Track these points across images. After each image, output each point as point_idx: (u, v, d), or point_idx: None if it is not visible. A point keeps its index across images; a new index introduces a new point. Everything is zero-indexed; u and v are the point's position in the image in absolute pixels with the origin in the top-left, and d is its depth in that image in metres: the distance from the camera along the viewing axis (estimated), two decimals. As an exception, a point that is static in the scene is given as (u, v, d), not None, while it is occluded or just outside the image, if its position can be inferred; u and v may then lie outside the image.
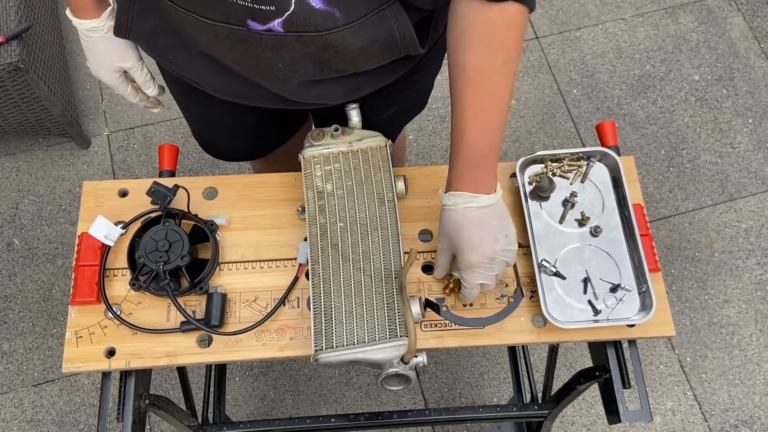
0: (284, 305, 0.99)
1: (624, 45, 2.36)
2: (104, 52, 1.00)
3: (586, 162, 1.07)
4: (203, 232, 1.01)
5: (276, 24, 0.79)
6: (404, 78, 1.03)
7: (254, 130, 1.27)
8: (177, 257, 0.96)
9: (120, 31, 0.94)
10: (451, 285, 0.99)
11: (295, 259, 1.02)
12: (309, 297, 0.96)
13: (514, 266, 0.97)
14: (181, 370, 1.36)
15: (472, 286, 0.91)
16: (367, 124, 1.07)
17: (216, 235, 1.01)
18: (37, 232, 2.03)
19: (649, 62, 2.33)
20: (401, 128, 1.31)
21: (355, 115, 1.06)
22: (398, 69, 0.98)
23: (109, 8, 0.97)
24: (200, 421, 1.39)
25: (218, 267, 1.02)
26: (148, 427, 1.80)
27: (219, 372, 1.51)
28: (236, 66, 0.91)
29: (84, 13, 0.96)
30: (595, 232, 1.02)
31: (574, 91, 2.28)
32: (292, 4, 0.76)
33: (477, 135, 0.84)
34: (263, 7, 0.77)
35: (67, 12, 0.98)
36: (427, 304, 0.94)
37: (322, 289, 0.94)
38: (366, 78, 0.96)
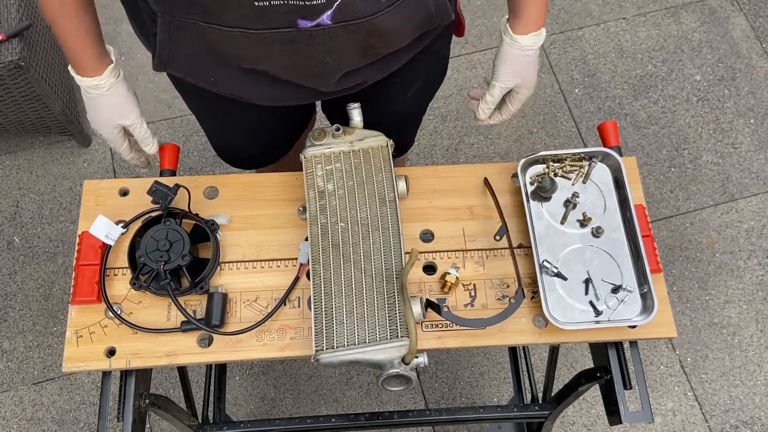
0: (285, 305, 0.99)
1: (626, 45, 2.35)
2: (106, 108, 1.01)
3: (587, 162, 1.06)
4: (204, 232, 1.01)
5: (325, 17, 0.81)
6: (428, 47, 1.04)
7: (270, 134, 1.30)
8: (178, 257, 0.95)
9: (160, 65, 0.92)
10: (450, 284, 0.99)
11: (296, 258, 1.02)
12: (310, 297, 0.96)
13: (516, 267, 0.97)
14: (182, 370, 1.36)
15: (516, 111, 1.07)
16: (393, 108, 1.09)
17: (217, 235, 1.01)
18: (38, 230, 2.03)
19: (651, 62, 2.32)
20: (425, 108, 1.34)
21: (356, 115, 1.05)
22: (425, 38, 1.00)
23: (111, 66, 0.98)
24: (200, 421, 1.39)
25: (219, 267, 1.01)
26: (148, 426, 1.80)
27: (219, 371, 1.51)
28: (282, 71, 0.92)
29: (86, 71, 0.96)
30: (596, 232, 1.02)
31: (576, 90, 2.27)
32: None
33: None
34: (313, 2, 0.78)
35: (70, 69, 0.98)
36: (428, 305, 0.94)
37: (322, 289, 0.93)
38: (397, 54, 0.98)
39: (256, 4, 0.79)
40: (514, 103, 1.06)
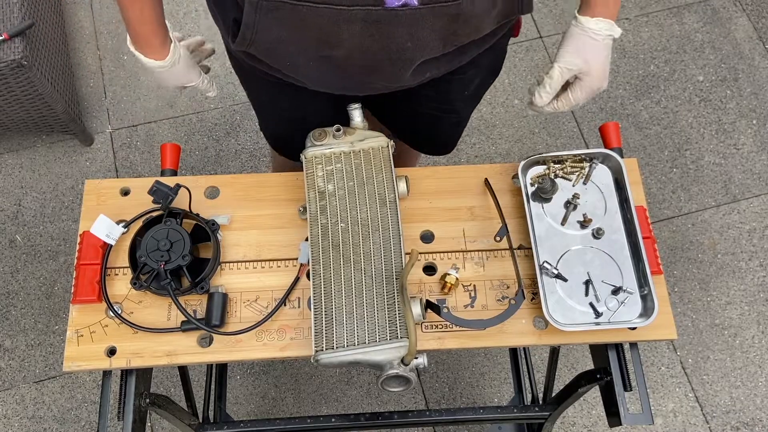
0: (285, 305, 0.99)
1: (628, 45, 2.35)
2: (170, 79, 1.08)
3: (588, 164, 1.06)
4: (204, 232, 1.01)
5: None
6: (494, 43, 1.04)
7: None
8: (178, 256, 0.96)
9: (242, 44, 0.91)
10: (450, 285, 0.99)
11: (296, 259, 1.02)
12: (310, 297, 0.96)
13: (516, 268, 0.97)
14: (182, 369, 1.36)
15: (578, 103, 1.00)
16: (450, 106, 1.09)
17: (217, 235, 1.01)
18: (40, 228, 2.03)
19: (653, 62, 2.32)
20: (474, 108, 1.32)
21: (357, 115, 1.05)
22: (498, 32, 1.00)
23: (173, 46, 1.03)
24: (201, 420, 1.39)
25: (219, 266, 1.01)
26: (149, 425, 1.80)
27: (220, 370, 1.51)
28: (360, 55, 0.90)
29: (150, 52, 1.01)
30: (597, 234, 1.02)
31: (578, 91, 2.27)
32: None
33: None
34: None
35: (129, 44, 1.01)
36: (428, 306, 0.94)
37: (322, 289, 0.94)
38: (471, 45, 0.98)
39: None
40: (575, 91, 0.99)
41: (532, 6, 0.94)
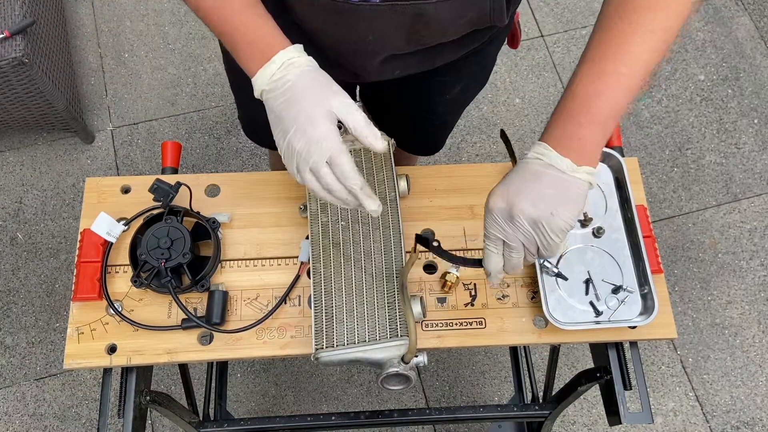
0: (285, 303, 0.99)
1: (629, 44, 2.34)
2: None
3: (589, 162, 1.06)
4: (205, 230, 1.01)
5: None
6: (476, 51, 1.03)
7: None
8: (179, 254, 0.96)
9: None
10: (450, 284, 0.99)
11: (297, 257, 1.02)
12: (310, 295, 0.96)
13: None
14: (183, 367, 1.36)
15: (489, 235, 0.78)
16: (430, 107, 1.06)
17: (218, 233, 1.01)
18: (41, 226, 2.04)
19: (655, 61, 2.32)
20: (460, 115, 1.28)
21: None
22: (477, 39, 0.99)
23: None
24: (201, 418, 1.39)
25: (220, 264, 1.02)
26: (150, 422, 1.80)
27: (220, 368, 1.51)
28: (327, 38, 0.89)
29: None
30: (597, 233, 1.02)
31: (579, 89, 2.27)
32: None
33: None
34: None
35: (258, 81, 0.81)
36: (417, 240, 0.88)
37: (323, 287, 0.94)
38: (444, 49, 0.96)
39: None
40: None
41: (504, 18, 0.89)
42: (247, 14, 0.80)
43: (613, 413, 1.02)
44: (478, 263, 0.84)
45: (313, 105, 0.75)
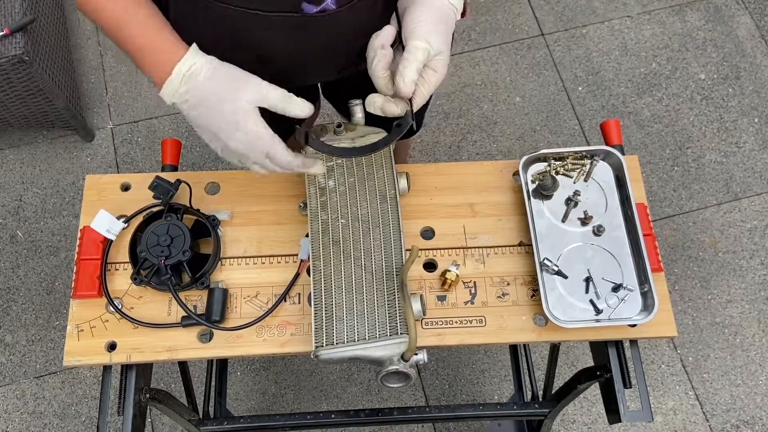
0: (285, 301, 0.99)
1: (630, 43, 2.34)
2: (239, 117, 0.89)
3: (589, 161, 1.06)
4: (205, 227, 1.01)
5: (329, 2, 0.80)
6: None
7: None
8: (179, 252, 0.96)
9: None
10: (450, 281, 0.99)
11: (297, 255, 1.02)
12: (310, 293, 0.96)
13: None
14: (183, 364, 1.36)
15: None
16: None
17: (218, 230, 1.01)
18: (41, 224, 2.03)
19: (655, 60, 2.32)
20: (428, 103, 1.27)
21: (358, 111, 1.05)
22: None
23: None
24: (201, 416, 1.39)
25: (220, 262, 1.01)
26: (150, 420, 1.80)
27: (220, 366, 1.51)
28: (288, 60, 0.89)
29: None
30: (597, 231, 1.02)
31: (579, 88, 2.27)
32: None
33: None
34: None
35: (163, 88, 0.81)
36: (305, 139, 0.88)
37: (323, 285, 0.94)
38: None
39: None
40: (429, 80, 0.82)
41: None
42: (136, 20, 0.79)
43: (612, 412, 1.02)
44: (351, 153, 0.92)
45: (228, 109, 0.77)
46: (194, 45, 0.80)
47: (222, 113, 0.77)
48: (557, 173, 1.06)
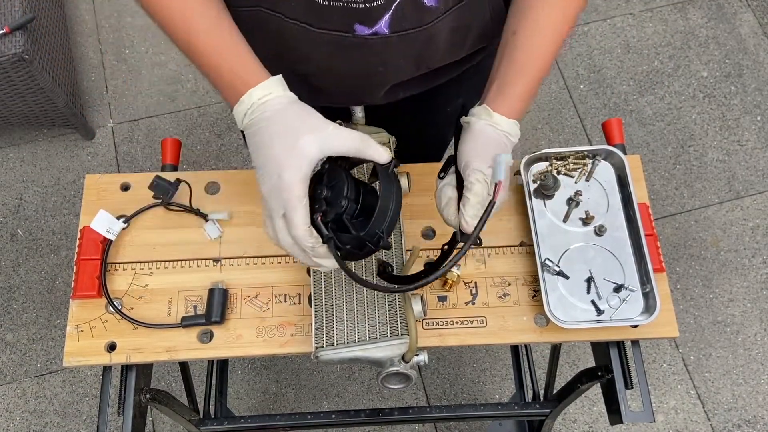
0: (285, 302, 0.99)
1: (632, 40, 2.34)
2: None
3: (591, 160, 1.05)
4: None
5: (382, 25, 0.79)
6: (476, 64, 1.03)
7: None
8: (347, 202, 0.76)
9: None
10: (451, 282, 0.98)
11: (297, 255, 1.01)
12: (310, 294, 0.96)
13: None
14: (183, 364, 1.36)
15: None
16: (425, 123, 1.06)
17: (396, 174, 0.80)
18: (41, 223, 2.03)
19: (657, 58, 2.31)
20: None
21: (358, 111, 1.05)
22: (478, 54, 0.99)
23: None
24: (202, 415, 1.39)
25: (220, 263, 1.01)
26: (150, 419, 1.80)
27: (221, 365, 1.51)
28: (330, 75, 0.88)
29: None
30: (599, 231, 1.01)
31: (581, 86, 2.26)
32: None
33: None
34: (374, 3, 0.76)
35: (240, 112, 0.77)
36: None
37: (323, 286, 0.93)
38: (448, 67, 0.96)
39: (318, 1, 0.77)
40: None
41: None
42: (218, 40, 0.76)
43: (614, 412, 1.01)
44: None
45: (280, 151, 0.71)
46: (279, 77, 0.77)
47: (272, 155, 0.72)
48: (558, 173, 1.05)
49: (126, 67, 2.27)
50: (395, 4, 0.78)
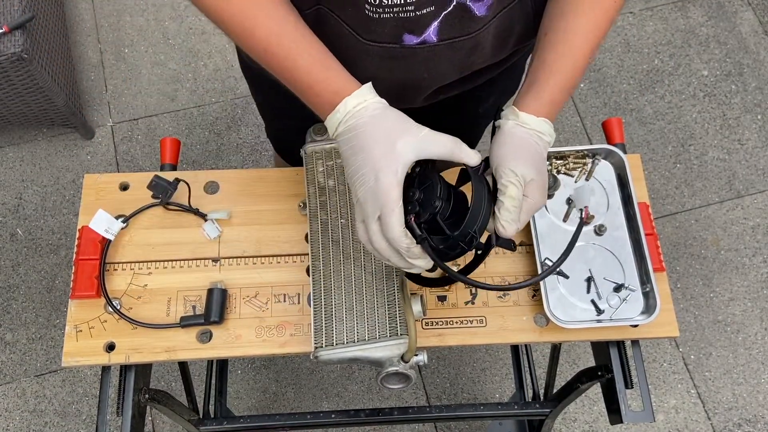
0: (284, 301, 0.98)
1: (632, 39, 2.33)
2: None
3: (591, 160, 1.05)
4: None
5: (431, 32, 0.78)
6: (511, 65, 1.03)
7: None
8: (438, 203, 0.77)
9: None
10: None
11: (296, 255, 1.01)
12: (309, 293, 0.95)
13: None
14: (183, 363, 1.36)
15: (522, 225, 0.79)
16: (459, 124, 1.06)
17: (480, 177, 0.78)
18: (41, 222, 2.03)
19: (658, 57, 2.30)
20: (486, 125, 1.28)
21: None
22: (514, 55, 0.99)
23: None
24: (201, 415, 1.39)
25: (219, 263, 1.01)
26: (150, 419, 1.80)
27: (221, 365, 1.51)
28: (376, 83, 0.86)
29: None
30: (599, 230, 1.01)
31: (581, 85, 2.26)
32: (452, 4, 0.76)
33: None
34: (424, 11, 0.76)
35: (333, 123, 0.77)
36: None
37: (322, 285, 0.93)
38: (487, 69, 0.96)
39: (367, 13, 0.77)
40: (523, 210, 0.77)
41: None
42: (307, 51, 0.76)
43: (614, 412, 1.01)
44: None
45: (378, 153, 0.72)
46: (369, 84, 0.77)
47: (368, 159, 0.73)
48: (558, 172, 1.05)
49: (125, 66, 2.27)
50: (445, 13, 0.77)
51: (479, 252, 0.83)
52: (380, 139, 0.72)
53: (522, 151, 0.77)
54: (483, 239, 0.80)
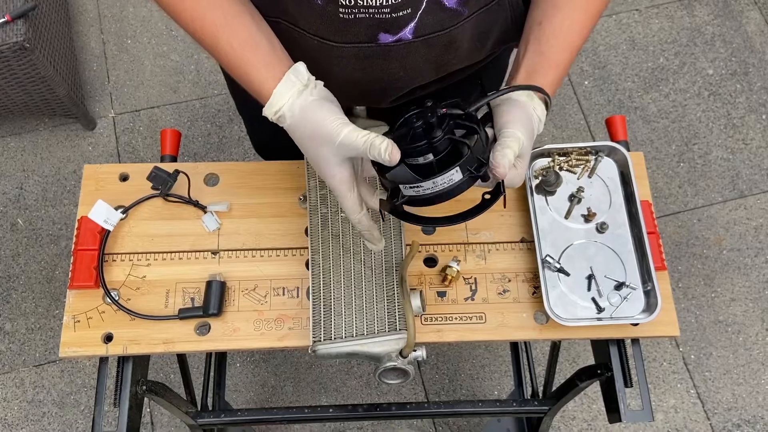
0: (283, 295, 0.98)
1: (638, 37, 2.32)
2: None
3: (594, 157, 1.04)
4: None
5: (407, 31, 0.79)
6: (494, 59, 1.02)
7: None
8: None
9: None
10: (450, 278, 0.98)
11: (295, 248, 1.01)
12: (309, 287, 0.95)
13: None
14: (181, 356, 1.36)
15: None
16: None
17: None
18: (41, 212, 2.03)
19: (663, 55, 2.29)
20: None
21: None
22: (489, 56, 0.98)
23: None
24: (199, 407, 1.39)
25: (218, 255, 1.00)
26: (149, 410, 1.80)
27: (219, 358, 1.50)
28: (349, 86, 0.88)
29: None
30: (601, 228, 1.01)
31: (585, 82, 2.25)
32: (424, 2, 0.76)
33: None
34: (401, 13, 0.76)
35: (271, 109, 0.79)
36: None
37: (321, 279, 0.93)
38: (464, 69, 0.96)
39: (341, 16, 0.76)
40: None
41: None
42: (230, 44, 0.78)
43: (613, 411, 1.01)
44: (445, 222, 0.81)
45: (311, 157, 0.78)
46: (293, 69, 0.78)
47: (307, 154, 0.78)
48: (561, 169, 1.04)
49: (128, 57, 2.26)
50: (420, 12, 0.77)
51: (487, 197, 0.82)
52: (308, 146, 0.77)
53: (527, 128, 0.81)
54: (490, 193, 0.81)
